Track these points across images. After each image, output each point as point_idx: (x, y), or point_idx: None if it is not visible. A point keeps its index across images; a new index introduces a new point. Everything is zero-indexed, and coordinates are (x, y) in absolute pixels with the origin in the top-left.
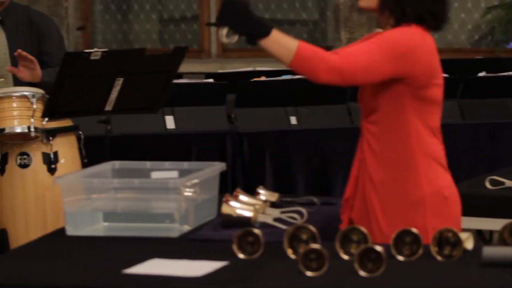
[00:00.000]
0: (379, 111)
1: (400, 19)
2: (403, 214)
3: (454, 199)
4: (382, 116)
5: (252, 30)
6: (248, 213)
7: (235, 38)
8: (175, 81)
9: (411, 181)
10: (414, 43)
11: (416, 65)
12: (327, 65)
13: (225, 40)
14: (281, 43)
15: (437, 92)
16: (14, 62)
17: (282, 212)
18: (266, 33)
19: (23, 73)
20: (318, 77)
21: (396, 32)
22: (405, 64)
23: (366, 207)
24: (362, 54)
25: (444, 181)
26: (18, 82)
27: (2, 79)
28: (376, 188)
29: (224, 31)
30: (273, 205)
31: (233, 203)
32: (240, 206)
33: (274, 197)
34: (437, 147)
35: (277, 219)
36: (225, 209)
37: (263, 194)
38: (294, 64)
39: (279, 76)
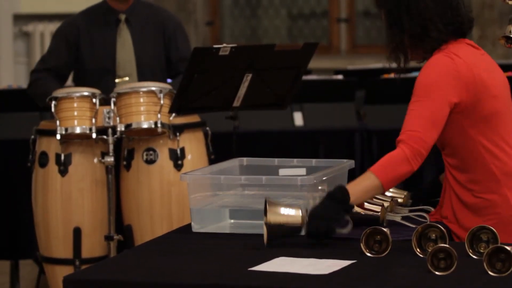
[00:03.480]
0: (450, 144)
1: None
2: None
3: None
4: (454, 148)
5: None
6: (376, 212)
7: (349, 227)
8: (304, 77)
9: (500, 203)
10: (438, 74)
11: (450, 92)
12: (406, 160)
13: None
14: (365, 191)
15: (493, 104)
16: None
17: (411, 211)
18: (349, 204)
19: None
20: (412, 171)
21: (419, 78)
22: (440, 96)
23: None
24: (416, 124)
25: None
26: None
27: (127, 78)
28: (471, 210)
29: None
30: (402, 203)
31: None
32: (368, 204)
33: (402, 195)
34: None
35: (405, 218)
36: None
37: (391, 192)
38: (389, 188)
39: (409, 73)
